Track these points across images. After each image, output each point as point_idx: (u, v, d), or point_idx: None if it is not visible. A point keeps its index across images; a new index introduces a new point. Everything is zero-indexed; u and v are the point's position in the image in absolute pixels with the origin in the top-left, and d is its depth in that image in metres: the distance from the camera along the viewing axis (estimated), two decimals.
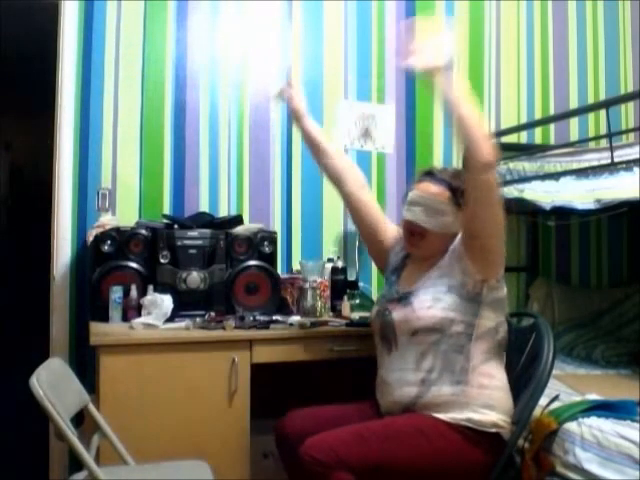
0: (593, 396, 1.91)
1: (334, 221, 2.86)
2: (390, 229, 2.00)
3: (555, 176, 2.39)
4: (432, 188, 1.76)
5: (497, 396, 1.67)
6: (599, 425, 1.72)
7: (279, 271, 2.54)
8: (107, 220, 2.41)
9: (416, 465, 1.55)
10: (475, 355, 1.66)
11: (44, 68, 2.80)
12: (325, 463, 1.49)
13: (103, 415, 1.81)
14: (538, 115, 3.27)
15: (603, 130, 3.08)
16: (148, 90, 2.63)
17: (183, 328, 2.11)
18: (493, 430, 1.63)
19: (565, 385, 2.14)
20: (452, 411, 1.63)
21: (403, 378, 1.69)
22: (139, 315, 2.16)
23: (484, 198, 1.60)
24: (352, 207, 2.00)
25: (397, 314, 1.73)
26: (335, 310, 2.50)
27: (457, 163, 3.03)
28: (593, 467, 1.68)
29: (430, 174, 1.81)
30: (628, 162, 2.08)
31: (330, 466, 1.49)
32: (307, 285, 2.41)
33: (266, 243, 2.44)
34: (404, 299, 1.73)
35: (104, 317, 2.16)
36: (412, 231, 1.78)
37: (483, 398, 1.64)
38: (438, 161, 3.04)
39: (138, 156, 2.61)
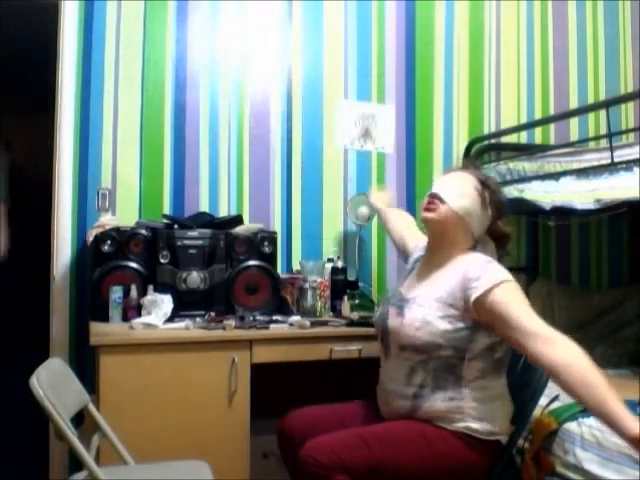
0: None
1: (334, 221, 2.86)
2: (415, 241, 2.01)
3: (555, 176, 2.39)
4: (461, 174, 1.76)
5: (494, 406, 1.64)
6: (599, 425, 1.72)
7: (279, 271, 2.54)
8: (107, 220, 2.40)
9: (417, 469, 1.55)
10: (468, 374, 1.61)
11: (44, 68, 2.80)
12: (326, 465, 1.49)
13: (103, 415, 1.81)
14: (538, 115, 3.27)
15: (603, 130, 3.08)
16: (148, 90, 2.63)
17: (183, 328, 2.11)
18: (492, 438, 1.62)
19: None
20: (450, 422, 1.61)
21: (397, 390, 1.68)
22: (139, 315, 2.16)
23: None
24: (388, 233, 2.30)
25: (391, 321, 1.72)
26: (335, 310, 2.50)
27: (457, 164, 3.03)
28: (593, 467, 1.68)
29: (462, 168, 1.83)
30: (628, 162, 2.08)
31: (331, 468, 1.48)
32: (307, 285, 2.42)
33: (266, 243, 2.44)
34: (400, 306, 1.71)
35: (104, 317, 2.16)
36: (430, 202, 1.71)
37: (479, 411, 1.61)
38: (438, 161, 3.05)
39: (138, 156, 2.61)
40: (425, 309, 1.63)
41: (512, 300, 1.54)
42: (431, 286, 1.68)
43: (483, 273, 1.58)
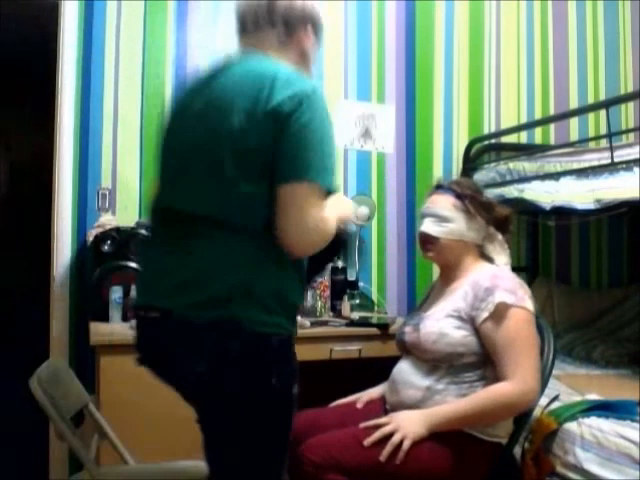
0: (593, 396, 1.91)
1: None
2: None
3: (555, 176, 2.39)
4: (438, 198, 1.79)
5: None
6: (599, 425, 1.72)
7: None
8: (107, 220, 2.40)
9: (415, 468, 1.55)
10: (490, 374, 1.62)
11: (44, 68, 2.80)
12: (320, 465, 1.49)
13: (103, 415, 1.81)
14: (538, 115, 3.27)
15: (603, 130, 3.08)
16: (148, 90, 2.63)
17: None
18: (494, 440, 1.62)
19: (565, 385, 2.14)
20: None
21: (411, 380, 1.68)
22: None
23: None
24: None
25: (408, 337, 1.74)
26: (335, 310, 2.50)
27: (457, 164, 3.03)
28: (593, 467, 1.68)
29: (438, 187, 1.83)
30: (628, 162, 2.08)
31: (325, 468, 1.49)
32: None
33: None
34: (416, 324, 1.73)
35: (104, 317, 2.16)
36: (425, 241, 1.79)
37: None
38: (438, 161, 3.05)
39: (138, 156, 2.61)
40: (440, 322, 1.66)
41: (501, 331, 1.58)
42: (445, 301, 1.72)
43: (487, 295, 1.61)
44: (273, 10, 1.40)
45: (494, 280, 1.63)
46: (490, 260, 1.78)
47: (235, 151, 1.20)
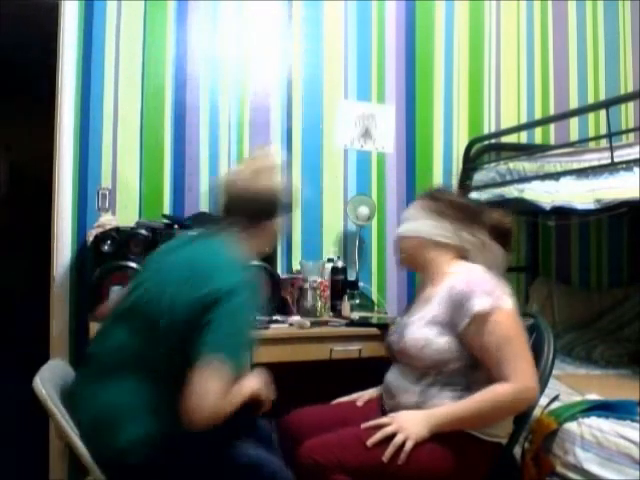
0: (593, 396, 1.91)
1: (334, 221, 2.86)
2: None
3: (555, 176, 2.39)
4: (413, 203, 1.82)
5: None
6: (599, 425, 1.72)
7: (279, 271, 2.54)
8: (107, 220, 2.40)
9: (416, 469, 1.55)
10: (480, 378, 1.60)
11: (44, 68, 2.80)
12: (324, 465, 1.49)
13: None
14: (538, 115, 3.27)
15: (603, 130, 3.08)
16: (148, 90, 2.63)
17: None
18: (494, 440, 1.62)
19: (565, 385, 2.14)
20: None
21: (405, 385, 1.68)
22: None
23: None
24: None
25: (396, 347, 1.73)
26: (335, 310, 2.50)
27: (457, 164, 3.03)
28: (593, 467, 1.68)
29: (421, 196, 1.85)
30: (628, 162, 2.08)
31: (328, 468, 1.48)
32: (307, 285, 2.42)
33: None
34: (401, 332, 1.71)
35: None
36: (396, 248, 1.82)
37: None
38: (438, 161, 3.05)
39: (138, 156, 2.61)
40: (421, 330, 1.64)
41: (487, 336, 1.56)
42: (426, 305, 1.70)
43: (465, 301, 1.58)
44: (247, 200, 1.55)
45: (469, 285, 1.60)
46: None
47: (170, 319, 1.41)
